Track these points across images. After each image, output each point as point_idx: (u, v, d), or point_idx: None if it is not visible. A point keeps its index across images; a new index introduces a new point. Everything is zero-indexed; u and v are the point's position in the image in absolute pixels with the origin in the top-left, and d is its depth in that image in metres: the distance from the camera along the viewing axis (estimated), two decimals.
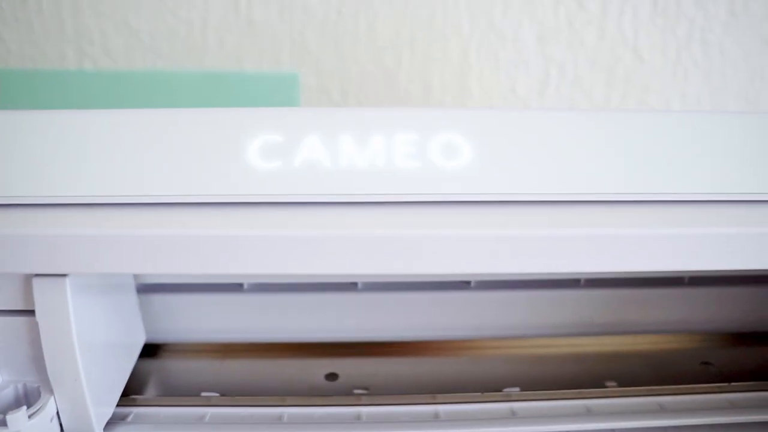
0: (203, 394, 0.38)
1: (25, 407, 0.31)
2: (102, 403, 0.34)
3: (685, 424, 0.37)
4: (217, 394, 0.38)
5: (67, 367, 0.32)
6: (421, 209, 0.30)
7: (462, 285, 0.42)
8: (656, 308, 0.43)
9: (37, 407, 0.32)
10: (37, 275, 0.31)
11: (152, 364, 0.41)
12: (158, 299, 0.41)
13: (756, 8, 0.69)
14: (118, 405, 0.36)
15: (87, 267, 0.29)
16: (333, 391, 0.39)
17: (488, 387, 0.39)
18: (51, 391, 0.33)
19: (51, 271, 0.30)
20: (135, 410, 0.37)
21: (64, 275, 0.30)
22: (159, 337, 0.42)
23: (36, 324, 0.32)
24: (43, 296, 0.31)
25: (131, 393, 0.38)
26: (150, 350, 0.42)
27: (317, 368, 0.41)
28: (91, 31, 0.67)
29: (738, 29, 0.70)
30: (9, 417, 0.31)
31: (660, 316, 0.43)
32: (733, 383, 0.40)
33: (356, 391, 0.39)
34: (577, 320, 0.42)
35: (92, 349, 0.33)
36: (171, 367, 0.41)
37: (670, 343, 0.44)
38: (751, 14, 0.69)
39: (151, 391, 0.40)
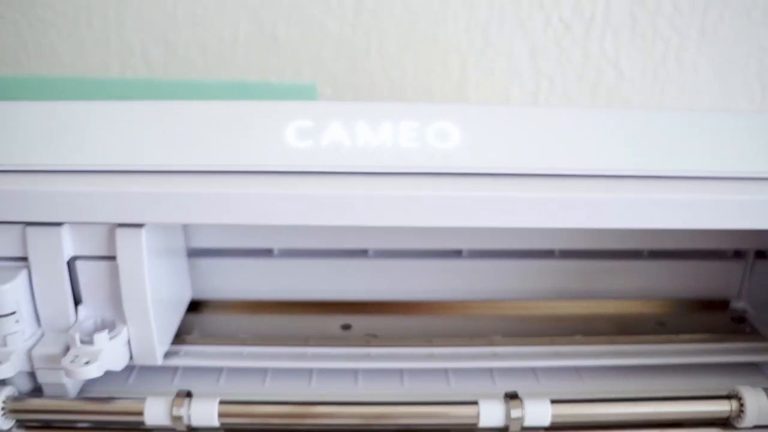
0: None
1: (107, 331, 0.40)
2: (162, 337, 0.43)
3: (637, 364, 0.45)
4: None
5: (139, 303, 0.40)
6: (419, 179, 0.39)
7: (455, 254, 0.50)
8: (619, 277, 0.51)
9: (115, 333, 0.40)
10: (120, 225, 0.39)
11: (195, 318, 0.49)
12: (202, 263, 0.49)
13: (724, 31, 0.77)
14: (171, 344, 0.45)
15: (163, 217, 0.37)
16: (347, 336, 0.47)
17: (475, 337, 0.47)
18: (125, 324, 0.41)
19: (132, 221, 0.38)
20: (185, 347, 0.45)
21: (140, 225, 0.39)
22: (201, 296, 0.50)
23: (116, 267, 0.40)
24: (124, 243, 0.39)
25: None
26: (193, 306, 0.50)
27: (334, 321, 0.49)
28: (133, 45, 0.75)
29: (709, 50, 0.78)
30: (96, 336, 0.39)
31: (622, 284, 0.51)
32: (680, 335, 0.48)
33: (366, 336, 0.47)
34: (552, 286, 0.51)
35: (158, 291, 0.41)
36: (211, 320, 0.49)
37: (630, 307, 0.51)
38: (720, 37, 0.77)
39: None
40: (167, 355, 0.43)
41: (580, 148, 0.40)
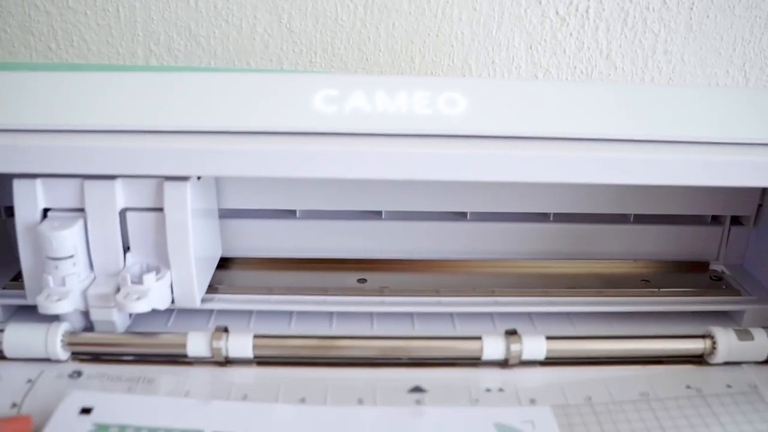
0: None
1: (155, 272, 0.45)
2: (200, 283, 0.48)
3: (623, 311, 0.50)
4: None
5: (182, 250, 0.46)
6: (431, 140, 0.44)
7: (460, 216, 0.55)
8: (608, 240, 0.56)
9: (160, 276, 0.46)
10: (167, 179, 0.45)
11: (224, 273, 0.55)
12: (232, 223, 0.55)
13: (709, 25, 0.82)
14: (205, 293, 0.50)
15: (207, 170, 0.43)
16: (363, 288, 0.53)
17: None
18: (168, 269, 0.46)
19: (179, 173, 0.44)
20: (218, 295, 0.50)
21: (185, 179, 0.44)
22: (230, 254, 0.55)
23: (162, 218, 0.45)
24: (171, 195, 0.45)
25: None
26: (222, 263, 0.55)
27: (350, 276, 0.54)
28: (158, 35, 0.81)
29: (695, 42, 0.83)
30: (145, 277, 0.44)
31: (610, 246, 0.56)
32: (662, 289, 0.53)
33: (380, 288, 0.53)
34: (547, 247, 0.56)
35: (197, 240, 0.47)
36: (238, 275, 0.55)
37: (618, 267, 0.57)
38: (705, 30, 0.83)
39: None
40: (203, 300, 0.49)
41: (573, 116, 0.45)
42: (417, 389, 0.43)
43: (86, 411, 0.39)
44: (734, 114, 0.47)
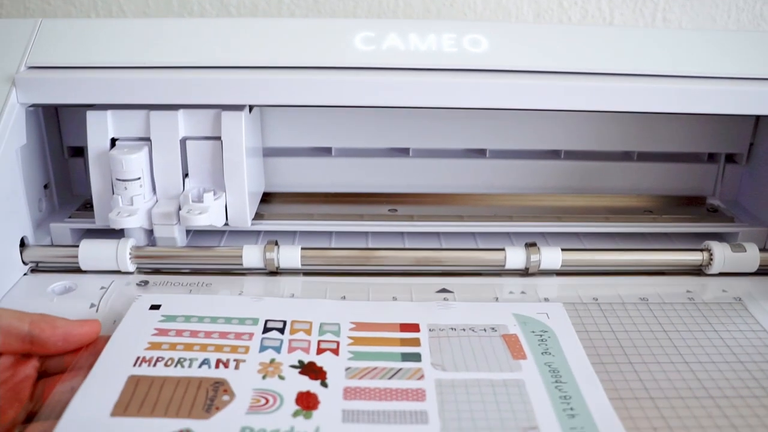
0: None
1: (213, 192, 0.51)
2: (251, 207, 0.54)
3: (628, 231, 0.56)
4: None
5: (236, 173, 0.51)
6: (457, 73, 0.50)
7: (480, 154, 0.61)
8: (613, 175, 0.62)
9: (218, 196, 0.51)
10: (224, 110, 0.50)
11: (267, 206, 0.60)
12: (273, 161, 0.60)
13: None
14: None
15: (261, 99, 0.49)
16: (394, 215, 0.58)
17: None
18: (223, 192, 0.52)
19: (236, 102, 0.49)
20: (264, 221, 0.56)
21: (240, 109, 0.50)
22: (272, 189, 0.61)
23: (219, 146, 0.51)
24: (228, 123, 0.50)
25: None
26: (263, 198, 0.61)
27: (383, 206, 0.59)
28: (192, 5, 0.86)
29: (692, 10, 0.89)
30: (205, 195, 0.50)
31: (616, 181, 0.62)
32: (663, 216, 0.59)
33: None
34: (558, 182, 0.62)
35: (250, 168, 0.52)
36: (280, 208, 0.60)
37: (623, 200, 0.62)
38: None
39: None
40: (253, 223, 0.54)
41: (583, 53, 0.51)
42: (444, 290, 0.49)
43: (155, 307, 0.45)
44: (729, 53, 0.53)
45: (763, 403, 0.38)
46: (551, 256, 0.50)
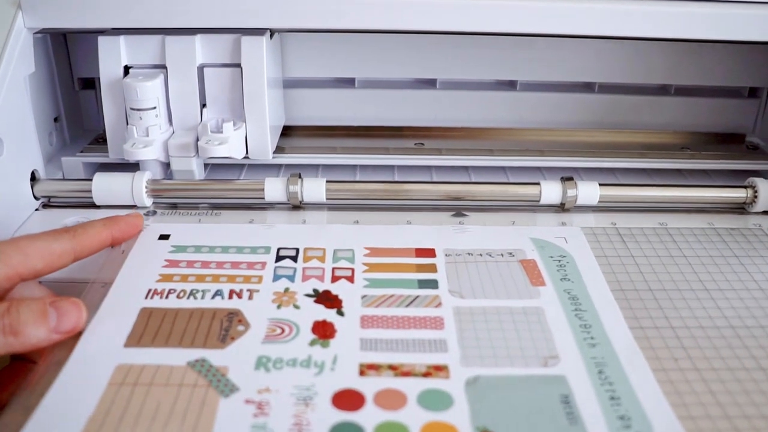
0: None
1: (232, 122, 0.48)
2: (272, 138, 0.51)
3: (665, 167, 0.54)
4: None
5: (257, 102, 0.49)
6: None
7: (510, 86, 0.58)
8: (649, 110, 0.59)
9: (237, 127, 0.49)
10: (244, 34, 0.47)
11: (288, 140, 0.57)
12: (294, 93, 0.57)
13: None
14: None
15: (284, 23, 0.45)
16: (421, 150, 0.56)
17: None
18: (243, 122, 0.49)
19: (256, 25, 0.46)
20: (285, 154, 0.53)
21: (262, 33, 0.47)
22: (293, 122, 0.58)
23: (238, 74, 0.48)
24: (248, 48, 0.47)
25: None
26: (284, 131, 0.58)
27: (409, 141, 0.57)
28: None
29: None
30: (224, 125, 0.48)
31: (652, 117, 0.59)
32: (701, 152, 0.56)
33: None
34: (592, 117, 0.59)
35: (271, 98, 0.50)
36: (302, 142, 0.57)
37: (659, 137, 0.60)
38: None
39: None
40: (274, 156, 0.52)
41: None
42: (460, 213, 0.47)
43: (164, 237, 0.43)
44: None
45: None
46: (589, 191, 0.48)
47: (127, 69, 0.49)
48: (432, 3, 0.45)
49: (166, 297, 0.37)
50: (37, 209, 0.48)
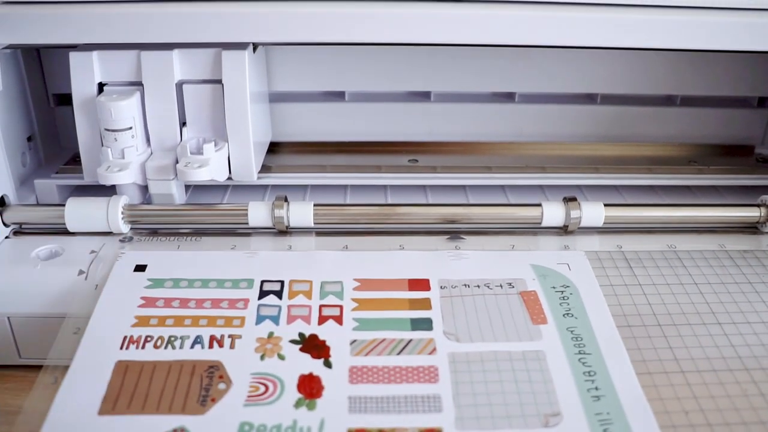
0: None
1: (213, 142, 0.45)
2: (256, 158, 0.48)
3: (671, 184, 0.51)
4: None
5: (240, 120, 0.46)
6: (483, 5, 0.43)
7: (508, 98, 0.55)
8: (654, 122, 0.56)
9: (219, 147, 0.46)
10: (225, 48, 0.44)
11: (275, 157, 0.54)
12: (281, 107, 0.54)
13: None
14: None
15: (267, 37, 0.42)
16: (415, 166, 0.53)
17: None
18: (225, 142, 0.47)
19: (237, 39, 0.43)
20: (272, 173, 0.51)
21: (244, 47, 0.44)
22: (280, 138, 0.55)
23: (220, 90, 0.45)
24: (229, 63, 0.44)
25: None
26: (272, 148, 0.55)
27: (402, 157, 0.54)
28: None
29: None
30: (205, 146, 0.45)
31: (657, 128, 0.56)
32: (710, 167, 0.53)
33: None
34: (594, 130, 0.56)
35: (255, 115, 0.47)
36: (289, 159, 0.54)
37: (665, 149, 0.57)
38: None
39: None
40: (259, 177, 0.49)
41: None
42: (456, 237, 0.45)
43: (140, 268, 0.40)
44: None
45: None
46: (593, 213, 0.45)
47: (101, 86, 0.46)
48: (423, 15, 0.42)
49: (143, 347, 0.34)
50: (7, 236, 0.45)
